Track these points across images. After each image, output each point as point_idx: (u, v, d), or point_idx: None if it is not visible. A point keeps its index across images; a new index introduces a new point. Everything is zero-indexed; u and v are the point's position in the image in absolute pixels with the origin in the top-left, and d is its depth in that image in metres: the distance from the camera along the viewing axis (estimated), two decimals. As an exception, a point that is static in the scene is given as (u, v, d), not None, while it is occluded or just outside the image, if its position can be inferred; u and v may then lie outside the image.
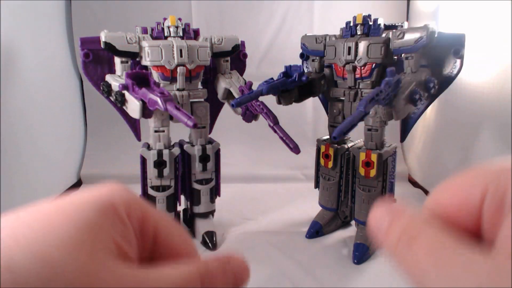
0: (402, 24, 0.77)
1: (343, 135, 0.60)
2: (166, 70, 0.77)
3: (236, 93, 0.80)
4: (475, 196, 0.14)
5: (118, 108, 0.77)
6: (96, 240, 0.14)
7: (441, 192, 0.16)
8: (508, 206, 0.13)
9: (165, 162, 0.78)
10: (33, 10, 1.06)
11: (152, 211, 0.18)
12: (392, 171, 0.79)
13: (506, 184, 0.13)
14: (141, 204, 0.17)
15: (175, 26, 0.79)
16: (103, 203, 0.16)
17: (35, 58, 1.05)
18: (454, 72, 0.71)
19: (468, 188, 0.15)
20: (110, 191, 0.17)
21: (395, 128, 0.88)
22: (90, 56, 0.79)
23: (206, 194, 0.86)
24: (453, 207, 0.15)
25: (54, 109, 1.16)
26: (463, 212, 0.15)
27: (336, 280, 0.72)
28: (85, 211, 0.15)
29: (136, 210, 0.17)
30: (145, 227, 0.17)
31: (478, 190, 0.14)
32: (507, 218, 0.13)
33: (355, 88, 0.79)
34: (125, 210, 0.16)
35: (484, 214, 0.14)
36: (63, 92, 1.25)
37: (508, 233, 0.13)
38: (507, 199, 0.13)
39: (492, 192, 0.14)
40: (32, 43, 1.04)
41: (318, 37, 0.83)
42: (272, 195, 1.16)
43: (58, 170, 1.18)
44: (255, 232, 0.91)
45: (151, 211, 0.18)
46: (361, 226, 0.81)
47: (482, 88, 0.90)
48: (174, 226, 0.18)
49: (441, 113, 1.13)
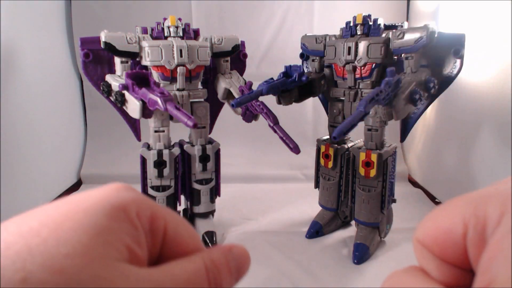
0: (402, 24, 0.77)
1: (343, 135, 0.60)
2: (166, 70, 0.77)
3: (236, 93, 0.80)
4: (457, 230, 0.14)
5: (118, 108, 0.77)
6: (108, 245, 0.14)
7: (427, 224, 0.16)
8: (487, 238, 0.13)
9: (165, 162, 0.78)
10: (33, 10, 1.06)
11: (161, 209, 0.18)
12: (392, 171, 0.79)
13: (484, 216, 0.14)
14: (149, 202, 0.17)
15: (175, 26, 0.79)
16: (112, 205, 0.15)
17: (35, 58, 1.05)
18: (454, 72, 0.71)
19: (449, 222, 0.15)
20: (117, 191, 0.16)
21: (395, 128, 0.88)
22: (90, 56, 0.79)
23: (206, 194, 0.86)
24: (439, 240, 0.15)
25: (54, 109, 1.16)
26: (450, 245, 0.15)
27: (336, 280, 0.72)
28: (95, 216, 0.15)
29: (145, 210, 0.17)
30: (154, 226, 0.17)
31: (458, 224, 0.14)
32: (486, 251, 0.13)
33: (355, 88, 0.79)
34: (135, 210, 0.16)
35: (469, 248, 0.14)
36: (63, 92, 1.25)
37: (486, 266, 0.13)
38: (488, 232, 0.13)
39: (473, 226, 0.14)
40: (32, 43, 1.04)
41: (318, 37, 0.83)
42: (272, 195, 1.16)
43: (58, 170, 1.18)
44: (255, 232, 0.91)
45: (160, 209, 0.18)
46: (361, 226, 0.81)
47: (482, 88, 0.90)
48: (181, 222, 0.18)
49: (441, 113, 1.13)
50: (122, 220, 0.15)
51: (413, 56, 0.71)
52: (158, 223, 0.17)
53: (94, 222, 0.14)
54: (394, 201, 0.83)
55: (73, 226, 0.14)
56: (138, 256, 0.16)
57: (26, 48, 1.01)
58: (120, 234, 0.15)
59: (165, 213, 0.18)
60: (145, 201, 0.17)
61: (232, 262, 0.18)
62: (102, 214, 0.15)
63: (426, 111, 0.80)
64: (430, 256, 0.16)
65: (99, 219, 0.15)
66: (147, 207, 0.17)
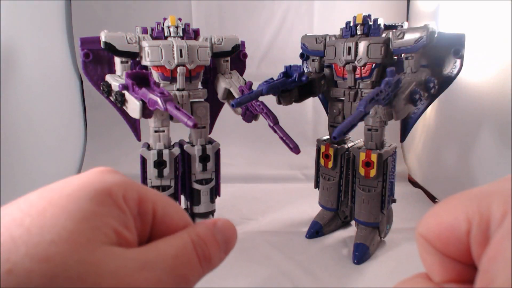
0: (402, 24, 0.77)
1: (343, 135, 0.60)
2: (166, 70, 0.77)
3: (236, 93, 0.80)
4: (460, 227, 0.14)
5: (118, 108, 0.77)
6: (94, 230, 0.14)
7: (430, 219, 0.16)
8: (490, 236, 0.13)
9: (165, 162, 0.78)
10: (33, 10, 1.06)
11: (148, 191, 0.18)
12: (392, 171, 0.79)
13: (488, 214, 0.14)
14: (135, 185, 0.17)
15: (175, 26, 0.79)
16: (97, 190, 0.15)
17: (35, 58, 1.05)
18: (454, 72, 0.71)
19: (452, 218, 0.15)
20: (101, 176, 0.16)
21: (395, 128, 0.88)
22: (90, 56, 0.79)
23: (206, 194, 0.86)
24: (443, 236, 0.15)
25: (54, 109, 1.16)
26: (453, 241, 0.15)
27: (336, 280, 0.72)
28: (79, 201, 0.14)
29: (131, 193, 0.16)
30: (143, 209, 0.17)
31: (462, 220, 0.14)
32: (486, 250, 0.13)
33: (355, 88, 0.79)
34: (121, 194, 0.16)
35: (472, 245, 0.14)
36: (63, 92, 1.25)
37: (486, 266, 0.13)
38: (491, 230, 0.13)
39: (477, 224, 0.14)
40: (32, 43, 1.04)
41: (318, 37, 0.83)
42: (272, 195, 1.16)
43: (58, 170, 1.18)
44: (255, 232, 0.91)
45: (147, 191, 0.17)
46: (361, 226, 0.81)
47: (482, 88, 0.90)
48: (170, 202, 0.18)
49: (441, 113, 1.13)
50: (107, 204, 0.15)
51: (413, 56, 0.71)
52: (146, 205, 0.17)
53: (78, 207, 0.14)
54: (394, 201, 0.83)
55: (56, 212, 0.14)
56: (127, 239, 0.15)
57: (26, 48, 1.01)
58: (106, 218, 0.15)
59: (153, 195, 0.18)
60: (131, 184, 0.17)
61: (219, 235, 0.19)
62: (86, 198, 0.15)
63: (426, 111, 0.80)
64: (433, 251, 0.16)
65: (83, 204, 0.14)
66: (134, 190, 0.17)
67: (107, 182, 0.16)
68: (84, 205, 0.14)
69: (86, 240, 0.14)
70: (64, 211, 0.14)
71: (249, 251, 0.81)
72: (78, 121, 1.34)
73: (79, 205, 0.14)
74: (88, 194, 0.15)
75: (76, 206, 0.14)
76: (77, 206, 0.14)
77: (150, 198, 0.17)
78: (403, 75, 0.70)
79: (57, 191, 0.15)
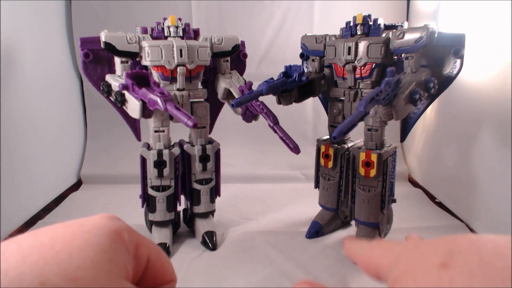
0: (402, 24, 0.77)
1: (343, 135, 0.60)
2: (166, 70, 0.77)
3: (236, 93, 0.80)
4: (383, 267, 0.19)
5: (118, 108, 0.77)
6: (111, 262, 0.16)
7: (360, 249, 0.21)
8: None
9: (165, 162, 0.78)
10: (33, 10, 1.06)
11: (145, 239, 0.20)
12: (392, 171, 0.79)
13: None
14: (135, 231, 0.19)
15: (175, 26, 0.79)
16: (111, 229, 0.18)
17: (35, 58, 1.05)
18: (454, 72, 0.71)
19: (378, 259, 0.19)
20: (110, 219, 0.19)
21: (395, 128, 0.88)
22: (90, 56, 0.79)
23: (206, 194, 0.86)
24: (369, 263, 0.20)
25: (54, 109, 1.16)
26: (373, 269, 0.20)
27: (336, 280, 0.72)
28: (98, 237, 0.17)
29: (132, 236, 0.19)
30: (139, 252, 0.19)
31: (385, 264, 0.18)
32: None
33: (355, 88, 0.79)
34: (126, 236, 0.18)
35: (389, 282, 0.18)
36: (63, 92, 1.25)
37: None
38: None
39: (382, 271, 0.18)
40: (32, 43, 1.04)
41: (318, 37, 0.83)
42: (272, 195, 1.16)
43: (58, 170, 1.18)
44: (255, 232, 0.91)
45: (144, 239, 0.20)
46: (361, 226, 0.81)
47: (482, 88, 0.90)
48: (161, 252, 0.21)
49: (441, 113, 1.13)
50: (119, 242, 0.18)
51: (413, 56, 0.71)
52: (142, 250, 0.19)
53: (98, 241, 0.17)
54: (394, 201, 0.83)
55: (81, 244, 0.16)
56: (129, 275, 0.18)
57: (26, 48, 1.01)
58: (119, 254, 0.17)
59: (149, 243, 0.20)
60: (132, 230, 0.19)
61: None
62: (104, 235, 0.17)
63: (426, 111, 0.80)
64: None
65: (102, 239, 0.17)
66: (134, 235, 0.19)
67: (117, 224, 0.18)
68: (103, 240, 0.17)
69: (106, 269, 0.16)
70: (87, 243, 0.16)
71: (249, 251, 0.81)
72: (78, 121, 1.34)
73: (98, 239, 0.17)
74: (104, 232, 0.17)
75: (96, 241, 0.17)
76: (97, 240, 0.17)
77: (146, 245, 0.19)
78: (403, 75, 0.70)
79: (78, 227, 0.17)
